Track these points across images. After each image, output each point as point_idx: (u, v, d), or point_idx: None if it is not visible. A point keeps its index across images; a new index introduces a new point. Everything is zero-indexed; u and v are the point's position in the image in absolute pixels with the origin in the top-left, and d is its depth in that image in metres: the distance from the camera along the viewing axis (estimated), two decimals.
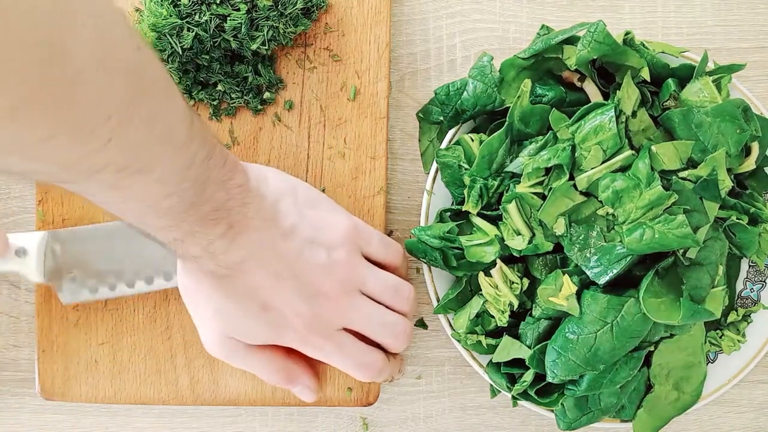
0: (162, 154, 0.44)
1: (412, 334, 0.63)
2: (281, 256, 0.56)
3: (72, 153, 0.38)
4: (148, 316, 0.68)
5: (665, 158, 0.58)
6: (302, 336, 0.58)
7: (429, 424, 0.70)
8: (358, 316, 0.59)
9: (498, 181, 0.61)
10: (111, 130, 0.38)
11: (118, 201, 0.46)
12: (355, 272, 0.59)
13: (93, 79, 0.35)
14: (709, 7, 0.71)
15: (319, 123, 0.68)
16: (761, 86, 0.70)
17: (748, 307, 0.66)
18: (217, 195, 0.50)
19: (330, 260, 0.58)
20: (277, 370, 0.61)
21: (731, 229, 0.61)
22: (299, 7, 0.65)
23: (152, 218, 0.48)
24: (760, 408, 0.70)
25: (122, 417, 0.70)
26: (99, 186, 0.42)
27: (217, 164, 0.49)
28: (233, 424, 0.70)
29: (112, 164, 0.41)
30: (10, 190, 0.70)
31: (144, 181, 0.43)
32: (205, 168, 0.48)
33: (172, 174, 0.45)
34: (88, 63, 0.35)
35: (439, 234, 0.62)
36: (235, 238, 0.53)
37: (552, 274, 0.60)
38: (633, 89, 0.60)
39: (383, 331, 0.61)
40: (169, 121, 0.44)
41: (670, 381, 0.63)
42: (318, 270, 0.58)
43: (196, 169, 0.47)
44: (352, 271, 0.59)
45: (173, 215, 0.48)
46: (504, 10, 0.71)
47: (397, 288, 0.61)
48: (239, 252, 0.54)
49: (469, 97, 0.64)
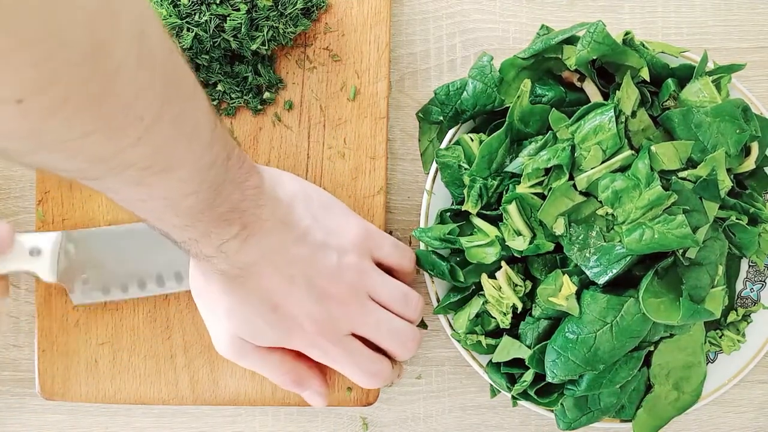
0: (187, 153, 0.44)
1: (420, 342, 0.62)
2: (293, 259, 0.57)
3: (106, 149, 0.39)
4: (148, 316, 0.68)
5: (665, 158, 0.57)
6: (311, 339, 0.59)
7: (429, 424, 0.70)
8: (367, 322, 0.60)
9: (498, 181, 0.61)
10: (144, 128, 0.39)
11: (140, 198, 0.46)
12: (365, 277, 0.60)
13: (132, 77, 0.36)
14: (709, 7, 0.70)
15: (319, 123, 0.68)
16: (761, 86, 0.70)
17: (748, 307, 0.66)
18: (234, 196, 0.50)
19: (340, 264, 0.58)
20: (288, 372, 0.61)
21: (731, 229, 0.61)
22: (299, 7, 0.65)
23: (170, 216, 0.48)
24: (760, 408, 0.70)
25: (122, 417, 0.70)
26: (124, 183, 0.43)
27: (235, 165, 0.50)
28: (233, 424, 0.70)
29: (140, 162, 0.41)
30: (11, 190, 0.70)
31: (168, 179, 0.44)
32: (224, 169, 0.49)
33: (195, 173, 0.46)
34: (128, 61, 0.36)
35: (440, 235, 0.62)
36: (248, 239, 0.53)
37: (552, 274, 0.60)
38: (633, 89, 0.60)
39: (392, 339, 0.61)
40: (196, 121, 0.44)
41: (669, 381, 0.63)
42: (328, 274, 0.58)
43: (217, 169, 0.48)
44: (362, 276, 0.59)
45: (191, 214, 0.48)
46: (504, 10, 0.71)
47: (407, 296, 0.61)
48: (252, 253, 0.54)
49: (468, 97, 0.64)
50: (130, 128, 0.38)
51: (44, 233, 0.64)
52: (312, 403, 0.63)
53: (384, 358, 0.61)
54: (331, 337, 0.59)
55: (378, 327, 0.60)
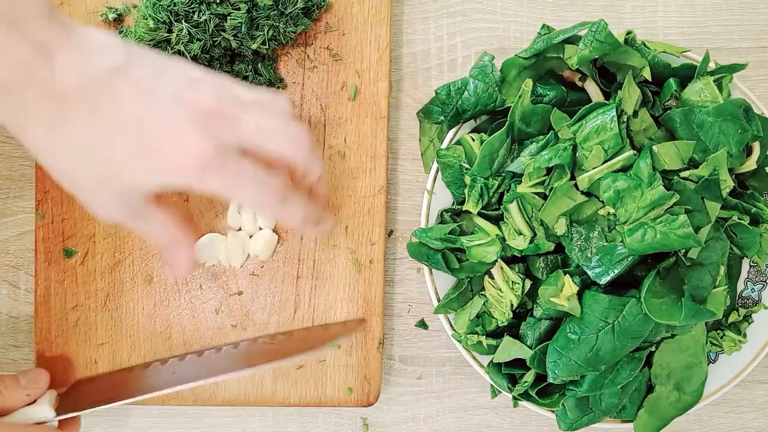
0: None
1: (310, 138, 0.55)
2: (138, 84, 0.50)
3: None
4: (147, 316, 0.68)
5: (667, 158, 0.57)
6: (196, 170, 0.51)
7: (429, 425, 0.70)
8: (247, 129, 0.53)
9: (499, 181, 0.61)
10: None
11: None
12: (224, 86, 0.53)
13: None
14: (710, 8, 0.70)
15: (320, 122, 0.68)
16: (762, 86, 0.70)
17: (749, 307, 0.66)
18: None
19: (190, 79, 0.52)
20: (177, 228, 0.55)
21: (732, 229, 0.61)
22: (300, 6, 0.65)
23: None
24: (761, 408, 0.70)
25: (122, 417, 0.70)
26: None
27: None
28: (233, 424, 0.70)
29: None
30: (10, 190, 0.70)
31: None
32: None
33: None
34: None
35: (441, 235, 0.62)
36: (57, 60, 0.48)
37: (553, 274, 0.60)
38: (634, 89, 0.60)
39: (279, 137, 0.54)
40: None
41: (671, 381, 0.63)
42: (185, 86, 0.52)
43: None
44: (222, 85, 0.53)
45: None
46: (504, 10, 0.70)
47: (273, 96, 0.56)
48: (78, 72, 0.48)
49: (469, 96, 0.63)
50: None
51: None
52: (178, 270, 0.57)
53: (279, 172, 0.55)
54: (217, 158, 0.51)
55: (259, 129, 0.53)
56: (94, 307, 0.68)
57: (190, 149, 0.51)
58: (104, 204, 0.53)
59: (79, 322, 0.67)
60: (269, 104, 0.55)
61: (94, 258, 0.68)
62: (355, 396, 0.67)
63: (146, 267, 0.68)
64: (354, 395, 0.67)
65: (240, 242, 0.68)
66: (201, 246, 0.67)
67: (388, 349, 0.70)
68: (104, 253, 0.68)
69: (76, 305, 0.67)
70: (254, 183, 0.53)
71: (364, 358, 0.68)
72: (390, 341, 0.70)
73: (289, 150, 0.55)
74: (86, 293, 0.68)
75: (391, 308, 0.70)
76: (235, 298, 0.68)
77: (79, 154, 0.51)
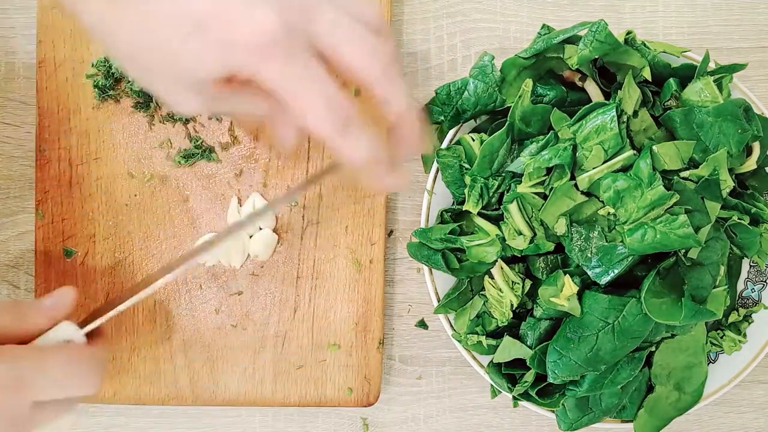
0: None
1: (396, 57, 0.49)
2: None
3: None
4: (148, 317, 0.68)
5: (667, 158, 0.57)
6: (260, 50, 0.45)
7: (429, 425, 0.70)
8: (322, 20, 0.47)
9: (499, 181, 0.61)
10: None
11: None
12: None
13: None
14: (710, 8, 0.70)
15: None
16: (762, 86, 0.70)
17: (749, 307, 0.66)
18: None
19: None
20: (267, 97, 0.49)
21: (732, 229, 0.61)
22: None
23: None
24: (761, 408, 0.70)
25: (122, 417, 0.70)
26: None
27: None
28: (233, 424, 0.70)
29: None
30: (10, 190, 0.70)
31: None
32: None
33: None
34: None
35: (441, 235, 0.62)
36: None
37: (553, 274, 0.60)
38: (634, 89, 0.60)
39: (358, 43, 0.47)
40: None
41: (671, 381, 0.63)
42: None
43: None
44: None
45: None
46: (504, 10, 0.70)
47: (360, 2, 0.49)
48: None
49: (469, 96, 0.63)
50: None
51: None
52: (287, 142, 0.53)
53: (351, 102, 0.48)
54: (285, 45, 0.46)
55: (337, 25, 0.47)
56: (94, 307, 0.68)
57: (254, 19, 0.44)
58: (176, 93, 0.48)
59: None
60: (357, 7, 0.48)
61: (94, 258, 0.68)
62: (355, 396, 0.67)
63: (146, 267, 0.68)
64: (354, 395, 0.67)
65: (240, 242, 0.68)
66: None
67: (388, 349, 0.70)
68: (104, 253, 0.68)
69: (75, 305, 0.67)
70: (319, 88, 0.46)
71: (364, 358, 0.68)
72: (390, 341, 0.70)
73: (366, 62, 0.48)
74: (86, 293, 0.68)
75: (391, 308, 0.70)
76: (235, 298, 0.68)
77: (137, 29, 0.46)
